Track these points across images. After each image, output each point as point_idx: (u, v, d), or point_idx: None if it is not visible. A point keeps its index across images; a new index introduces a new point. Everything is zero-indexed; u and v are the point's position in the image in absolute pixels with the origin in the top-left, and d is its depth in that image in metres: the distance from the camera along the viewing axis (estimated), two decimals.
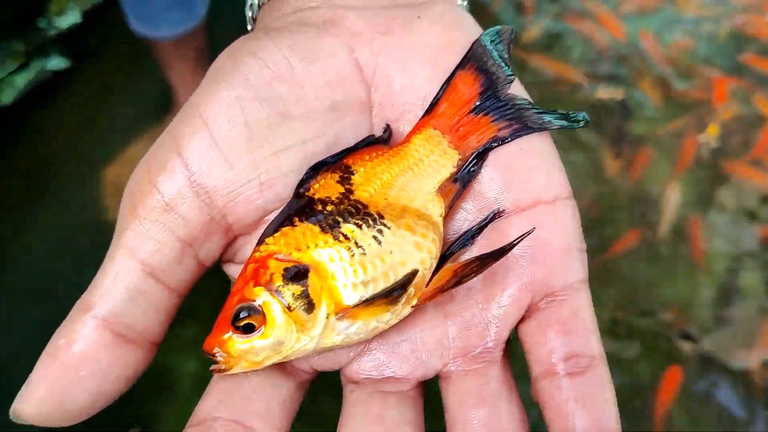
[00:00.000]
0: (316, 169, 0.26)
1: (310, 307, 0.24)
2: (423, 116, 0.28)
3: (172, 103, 1.34)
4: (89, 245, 1.24)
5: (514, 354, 0.28)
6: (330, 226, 0.25)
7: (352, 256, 0.25)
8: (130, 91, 1.43)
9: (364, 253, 0.25)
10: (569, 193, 0.28)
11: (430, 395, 0.29)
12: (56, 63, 1.41)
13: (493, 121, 0.28)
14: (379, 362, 0.27)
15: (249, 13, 0.32)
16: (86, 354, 0.25)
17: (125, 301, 0.25)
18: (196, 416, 0.27)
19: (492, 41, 0.29)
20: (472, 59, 0.28)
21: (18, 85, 1.35)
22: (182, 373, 1.13)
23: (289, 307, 0.24)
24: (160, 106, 1.36)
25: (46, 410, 0.25)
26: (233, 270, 0.29)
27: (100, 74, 1.45)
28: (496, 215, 0.27)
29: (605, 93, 1.43)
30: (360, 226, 0.25)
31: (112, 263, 0.26)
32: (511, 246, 0.25)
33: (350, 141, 0.28)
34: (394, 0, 0.29)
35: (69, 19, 1.44)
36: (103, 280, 0.25)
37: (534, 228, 0.26)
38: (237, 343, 0.25)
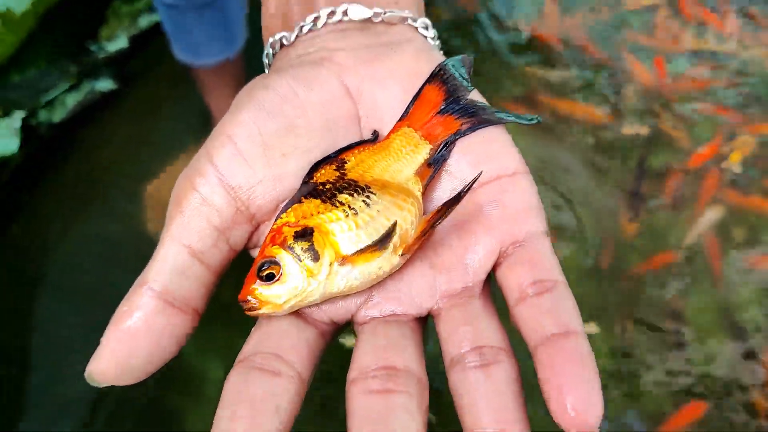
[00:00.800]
0: (318, 165, 0.33)
1: (316, 256, 0.31)
2: (399, 120, 0.35)
3: (210, 125, 1.41)
4: (131, 253, 1.32)
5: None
6: (328, 198, 0.32)
7: (347, 216, 0.32)
8: (171, 112, 1.49)
9: (356, 214, 0.32)
10: (526, 169, 0.34)
11: (441, 392, 0.35)
12: (104, 84, 1.49)
13: (457, 118, 0.35)
14: (380, 305, 0.33)
15: (265, 61, 0.40)
16: (144, 320, 0.30)
17: (174, 276, 0.31)
18: (240, 356, 0.32)
19: (454, 65, 0.36)
20: (437, 75, 0.35)
21: (68, 104, 1.43)
22: (210, 378, 1.20)
23: (299, 258, 0.31)
24: (198, 127, 1.42)
25: (112, 371, 0.31)
26: (256, 253, 0.35)
27: (144, 96, 1.52)
28: (469, 187, 0.32)
29: (630, 129, 1.48)
30: (352, 195, 0.32)
31: (162, 247, 0.32)
32: (467, 189, 0.32)
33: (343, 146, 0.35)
34: (375, 40, 0.36)
35: (117, 44, 1.52)
36: (156, 261, 0.32)
37: (481, 172, 0.33)
38: (262, 288, 0.32)
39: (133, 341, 0.30)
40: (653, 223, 1.34)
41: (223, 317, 1.19)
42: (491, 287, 0.34)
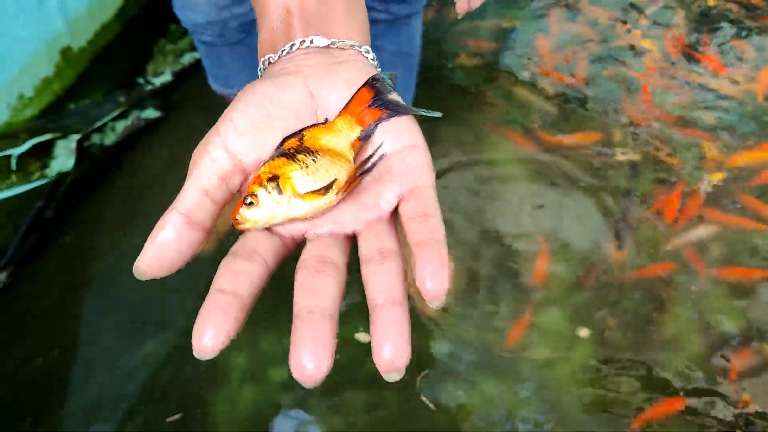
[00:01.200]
0: (286, 138, 0.46)
1: (280, 192, 0.44)
2: (341, 110, 0.48)
3: None
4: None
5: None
6: (291, 157, 0.45)
7: (302, 168, 0.45)
8: None
9: (307, 167, 0.45)
10: (424, 145, 0.47)
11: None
12: (150, 113, 1.62)
13: (381, 110, 0.48)
14: (322, 226, 0.45)
15: (259, 73, 0.53)
16: (173, 231, 0.42)
17: (193, 206, 0.43)
18: (229, 251, 0.43)
19: (382, 77, 0.49)
20: (370, 82, 0.48)
21: (118, 129, 1.56)
22: (231, 366, 1.32)
23: (269, 193, 0.44)
24: None
25: (151, 267, 0.42)
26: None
27: (184, 123, 1.65)
28: (383, 156, 0.47)
29: (622, 156, 1.59)
30: (306, 155, 0.45)
31: (185, 189, 0.44)
32: (378, 155, 0.46)
33: None
34: (331, 60, 0.50)
35: (162, 78, 1.67)
36: (181, 196, 0.43)
37: (382, 143, 0.47)
38: (245, 211, 0.44)
39: (165, 246, 0.42)
40: (639, 237, 1.45)
41: (248, 318, 1.32)
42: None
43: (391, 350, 0.37)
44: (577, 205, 1.50)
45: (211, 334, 0.37)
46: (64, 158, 1.42)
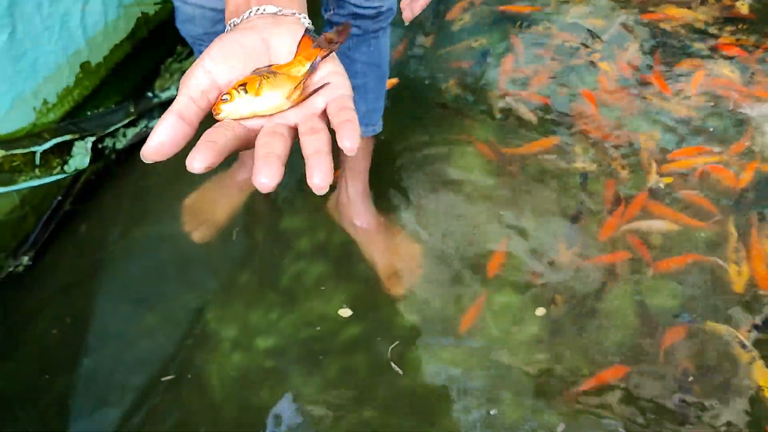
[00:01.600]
0: (257, 69, 0.60)
1: (246, 92, 0.58)
2: (295, 54, 0.62)
3: (239, 156, 1.70)
4: (172, 248, 1.65)
5: None
6: (258, 74, 0.60)
7: (265, 79, 0.59)
8: None
9: (269, 79, 0.59)
10: (343, 71, 0.62)
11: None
12: (156, 122, 1.81)
13: (319, 50, 0.63)
14: (275, 119, 0.59)
15: (227, 28, 0.68)
16: (170, 124, 0.55)
17: (183, 108, 0.57)
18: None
19: (314, 30, 0.65)
20: (307, 32, 0.63)
21: (128, 135, 1.73)
22: (222, 337, 1.48)
23: (239, 93, 0.58)
24: (231, 157, 1.75)
25: (153, 153, 0.54)
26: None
27: None
28: (324, 85, 0.61)
29: (580, 164, 1.78)
30: (268, 74, 0.60)
31: (177, 98, 0.58)
32: (316, 89, 0.60)
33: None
34: (278, 21, 0.64)
35: (168, 92, 1.84)
36: (174, 103, 0.57)
37: (328, 83, 0.60)
38: (222, 105, 0.58)
39: (164, 134, 0.55)
40: (590, 230, 1.64)
41: (239, 296, 1.51)
42: None
43: (319, 177, 0.53)
44: (534, 206, 1.69)
45: (199, 158, 0.53)
46: (80, 157, 1.60)
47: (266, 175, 0.52)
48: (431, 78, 2.01)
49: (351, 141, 0.55)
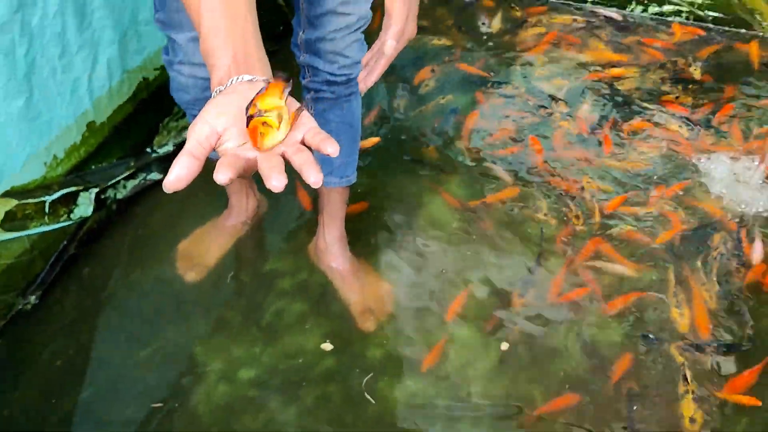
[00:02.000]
0: (248, 105, 0.72)
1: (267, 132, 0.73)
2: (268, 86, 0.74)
3: (228, 205, 1.87)
4: (164, 292, 1.81)
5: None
6: (252, 115, 0.72)
7: (266, 128, 0.74)
8: (200, 194, 1.93)
9: (269, 128, 0.73)
10: (310, 112, 0.84)
11: None
12: (155, 175, 1.96)
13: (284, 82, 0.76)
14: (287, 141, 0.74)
15: (214, 94, 0.83)
16: (186, 161, 0.71)
17: (193, 147, 0.70)
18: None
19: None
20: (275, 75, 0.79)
21: (128, 186, 1.90)
22: (209, 370, 1.62)
23: (266, 129, 0.73)
24: (221, 206, 1.89)
25: (173, 183, 0.70)
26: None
27: None
28: (300, 108, 0.76)
29: (539, 214, 1.97)
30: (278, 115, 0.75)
31: (188, 141, 0.70)
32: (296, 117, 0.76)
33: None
34: (254, 86, 0.79)
35: (166, 148, 2.00)
36: (185, 145, 0.73)
37: (302, 107, 0.77)
38: (261, 139, 0.72)
39: (181, 168, 0.72)
40: (549, 272, 1.81)
41: (225, 331, 1.66)
42: None
43: (313, 176, 0.70)
44: (497, 251, 1.87)
45: (223, 171, 0.69)
46: (84, 206, 1.77)
47: (276, 179, 0.69)
48: (406, 135, 2.20)
49: (333, 148, 0.73)
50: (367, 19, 1.43)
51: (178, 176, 0.70)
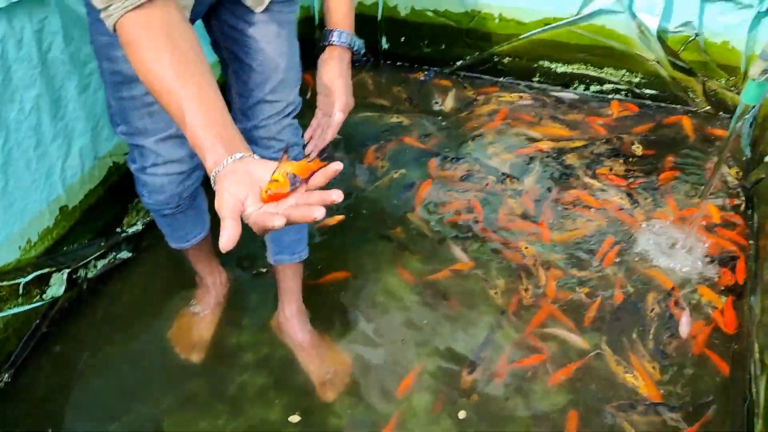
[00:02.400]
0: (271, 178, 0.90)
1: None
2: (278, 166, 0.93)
3: (200, 283, 1.95)
4: (133, 368, 1.87)
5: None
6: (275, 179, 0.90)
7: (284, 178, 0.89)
8: (169, 272, 2.02)
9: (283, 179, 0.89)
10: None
11: None
12: (124, 254, 2.05)
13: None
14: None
15: (212, 180, 0.96)
16: (229, 224, 0.86)
17: (230, 213, 0.87)
18: None
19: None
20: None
21: (98, 266, 1.99)
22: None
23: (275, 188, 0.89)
24: (186, 282, 1.98)
25: (229, 243, 0.84)
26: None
27: (151, 262, 2.08)
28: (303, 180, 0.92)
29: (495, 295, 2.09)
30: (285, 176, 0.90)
31: (223, 211, 0.88)
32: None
33: None
34: (245, 162, 0.94)
35: (134, 228, 2.10)
36: (224, 212, 0.88)
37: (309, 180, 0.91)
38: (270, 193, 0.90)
39: (231, 230, 0.85)
40: (504, 337, 1.92)
41: (190, 406, 1.74)
42: None
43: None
44: (452, 320, 1.98)
45: (279, 218, 0.85)
46: (57, 286, 1.85)
47: (317, 210, 0.85)
48: (366, 210, 2.33)
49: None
50: (296, 105, 1.57)
51: (230, 237, 0.84)
